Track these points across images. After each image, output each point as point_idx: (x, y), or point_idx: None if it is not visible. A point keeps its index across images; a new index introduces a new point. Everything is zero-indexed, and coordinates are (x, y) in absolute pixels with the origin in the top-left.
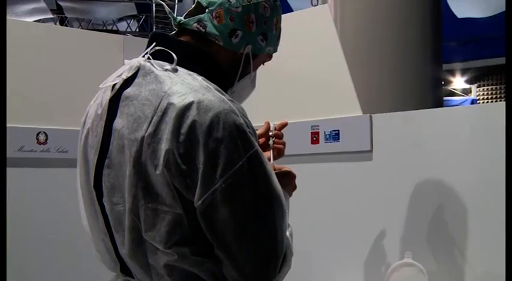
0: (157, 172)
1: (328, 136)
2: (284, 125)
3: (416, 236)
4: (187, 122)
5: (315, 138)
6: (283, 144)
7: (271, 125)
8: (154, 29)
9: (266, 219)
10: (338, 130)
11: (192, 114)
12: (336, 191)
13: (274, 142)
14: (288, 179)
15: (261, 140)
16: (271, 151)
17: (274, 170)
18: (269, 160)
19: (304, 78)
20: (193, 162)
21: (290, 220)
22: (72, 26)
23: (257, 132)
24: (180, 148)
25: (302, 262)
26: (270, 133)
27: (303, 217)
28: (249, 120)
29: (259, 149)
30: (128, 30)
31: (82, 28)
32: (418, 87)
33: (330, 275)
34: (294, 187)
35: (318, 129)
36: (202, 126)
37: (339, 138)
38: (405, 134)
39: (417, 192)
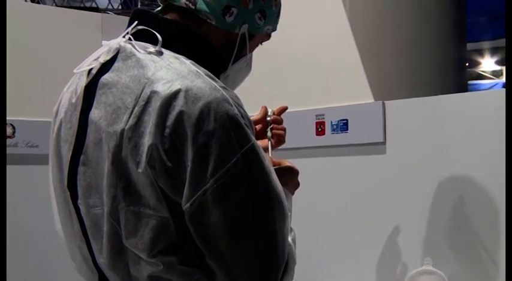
0: (140, 170)
1: (335, 126)
2: (284, 110)
3: (436, 238)
4: (174, 113)
5: (320, 129)
6: (284, 130)
7: (269, 110)
8: (139, 7)
9: (265, 223)
10: (346, 119)
11: (179, 104)
12: (345, 189)
13: (272, 128)
14: (289, 176)
15: (258, 127)
16: (269, 140)
17: (274, 165)
18: (266, 150)
19: (307, 61)
20: (181, 159)
21: (293, 223)
22: (45, 3)
23: (253, 118)
24: (166, 142)
25: (307, 267)
26: (268, 119)
27: (307, 219)
28: (244, 110)
29: (256, 143)
30: (109, 7)
31: (56, 5)
32: (438, 69)
33: (338, 280)
34: (297, 185)
35: (324, 118)
36: (191, 117)
37: (347, 129)
38: (423, 123)
39: (437, 189)
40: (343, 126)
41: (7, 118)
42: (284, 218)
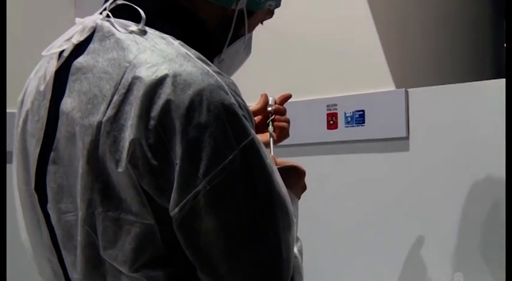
0: (120, 169)
1: (349, 119)
2: (287, 98)
3: (468, 250)
4: (160, 102)
5: (332, 122)
6: (287, 121)
7: (270, 98)
8: None
9: (266, 231)
10: (363, 111)
11: (165, 92)
12: (360, 192)
13: (274, 120)
14: (295, 177)
15: (257, 119)
16: (271, 134)
17: (276, 165)
18: (267, 145)
19: (316, 42)
20: (168, 156)
21: (299, 231)
22: None
23: (251, 108)
24: (150, 137)
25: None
26: (269, 109)
27: (316, 227)
28: (242, 100)
29: (257, 138)
30: None
31: None
32: (470, 51)
33: None
34: (303, 188)
35: (336, 109)
36: (180, 107)
37: (364, 122)
38: (454, 114)
39: (469, 193)
40: (358, 118)
41: None
42: (289, 226)
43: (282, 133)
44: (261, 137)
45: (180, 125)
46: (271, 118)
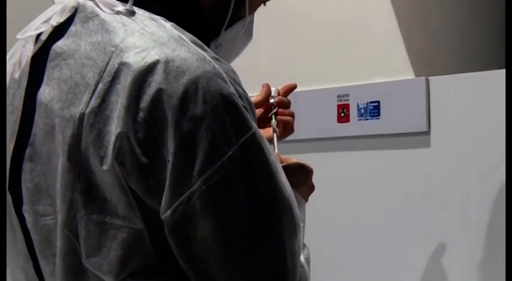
0: (105, 166)
1: (363, 111)
2: (292, 88)
3: (498, 261)
4: (150, 91)
5: (343, 115)
6: (292, 115)
7: (273, 88)
8: None
9: (269, 237)
10: (378, 102)
11: (156, 80)
12: (375, 194)
13: (277, 113)
14: (301, 177)
15: (258, 112)
16: (274, 129)
17: (281, 163)
18: (270, 141)
19: (326, 24)
20: (159, 152)
21: (308, 236)
22: None
23: (253, 99)
24: (139, 130)
25: None
26: (271, 100)
27: (326, 232)
28: (242, 89)
29: (259, 132)
30: None
31: None
32: (497, 36)
33: None
34: (311, 189)
35: (348, 100)
36: (173, 97)
37: (379, 114)
38: (481, 106)
39: (498, 195)
40: (373, 110)
41: None
42: (295, 231)
43: (286, 128)
44: (263, 133)
45: (172, 118)
46: (273, 111)
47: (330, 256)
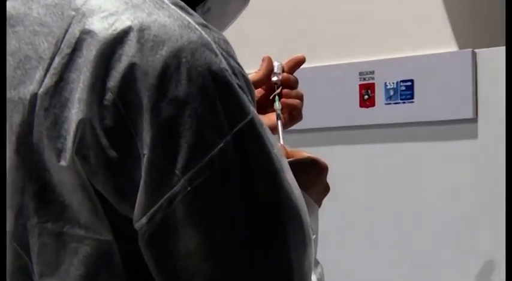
0: (63, 162)
1: (392, 92)
2: (300, 63)
3: None
4: (120, 67)
5: (366, 97)
6: (300, 97)
7: (276, 63)
8: None
9: (271, 252)
10: (411, 81)
11: (128, 53)
12: (408, 195)
13: (282, 95)
14: (313, 175)
15: (258, 93)
16: (278, 115)
17: (287, 157)
18: (273, 130)
19: None
20: (132, 144)
21: (327, 247)
22: None
23: (251, 77)
24: (106, 116)
25: None
26: (274, 78)
27: (347, 241)
28: (237, 64)
29: (258, 118)
30: None
31: None
32: None
33: None
34: (326, 189)
35: (373, 78)
36: (149, 75)
37: (412, 97)
38: None
39: None
40: (405, 91)
41: None
42: (305, 244)
43: (293, 114)
44: (264, 119)
45: (148, 100)
46: (277, 92)
47: (355, 273)
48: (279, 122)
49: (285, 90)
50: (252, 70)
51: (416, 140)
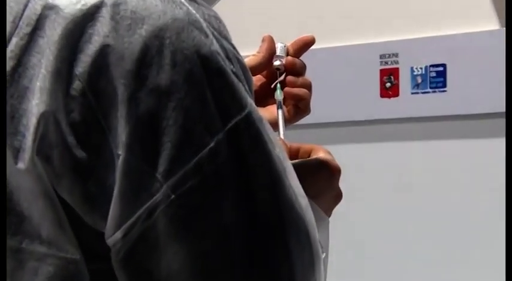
0: (21, 165)
1: (420, 79)
2: (307, 44)
3: None
4: (91, 50)
5: (389, 85)
6: (307, 86)
7: (279, 44)
8: None
9: (271, 274)
10: (443, 65)
11: (100, 32)
12: (438, 202)
13: (285, 83)
14: (323, 180)
15: (256, 80)
16: (279, 106)
17: (291, 158)
18: (274, 126)
19: None
20: (104, 142)
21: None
22: None
23: (247, 61)
24: (74, 109)
25: None
26: (276, 63)
27: (368, 252)
28: (232, 46)
29: (257, 113)
30: None
31: None
32: None
33: None
34: (337, 196)
35: (397, 62)
36: (125, 59)
37: (444, 85)
38: None
39: None
40: (436, 78)
41: None
42: (312, 263)
43: (299, 106)
44: (264, 113)
45: (125, 90)
46: (279, 79)
47: None
48: (280, 112)
49: (290, 78)
50: (249, 53)
51: (449, 138)
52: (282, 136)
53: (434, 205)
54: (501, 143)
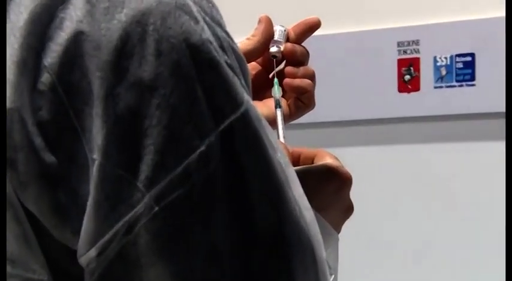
0: None
1: (444, 71)
2: (312, 27)
3: None
4: (62, 36)
5: (408, 77)
6: (310, 77)
7: (278, 27)
8: None
9: None
10: (471, 55)
11: (73, 17)
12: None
13: (285, 74)
14: (331, 190)
15: (251, 68)
16: (277, 102)
17: (293, 163)
18: (273, 124)
19: None
20: (77, 145)
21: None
22: None
23: (242, 47)
24: (42, 106)
25: None
26: (273, 49)
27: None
28: (226, 33)
29: (254, 110)
30: None
31: None
32: None
33: None
34: (348, 209)
35: (418, 51)
36: (102, 48)
37: (473, 77)
38: None
39: None
40: (463, 70)
41: None
42: None
43: (301, 100)
44: (261, 109)
45: (102, 84)
46: (277, 69)
47: None
48: (278, 111)
49: (289, 68)
50: (243, 38)
51: (478, 139)
52: (281, 139)
53: (474, 216)
54: None
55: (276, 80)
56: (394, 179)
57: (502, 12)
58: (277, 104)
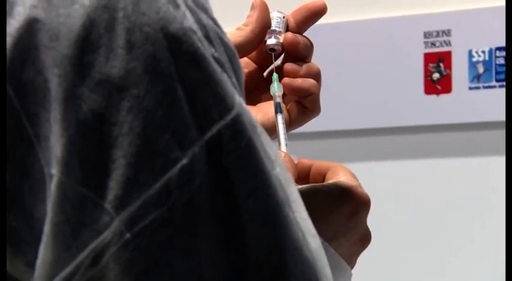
0: None
1: (482, 68)
2: (316, 14)
3: None
4: (13, 25)
5: (437, 76)
6: (314, 75)
7: (275, 14)
8: None
9: None
10: None
11: (26, 3)
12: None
13: (284, 72)
14: (345, 214)
15: (244, 65)
16: (277, 105)
17: (299, 178)
18: (271, 132)
19: None
20: (31, 158)
21: None
22: None
23: (232, 38)
24: None
25: None
26: (271, 41)
27: None
28: (213, 20)
29: (248, 115)
30: None
31: None
32: None
33: None
34: (364, 238)
35: (449, 44)
36: (60, 39)
37: None
38: None
39: None
40: (503, 67)
41: None
42: None
43: (304, 103)
44: (257, 114)
45: (61, 83)
46: (275, 64)
47: None
48: (279, 117)
49: (289, 65)
50: (233, 27)
51: None
52: (283, 148)
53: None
54: None
55: (275, 75)
56: (421, 200)
57: None
58: (278, 107)
